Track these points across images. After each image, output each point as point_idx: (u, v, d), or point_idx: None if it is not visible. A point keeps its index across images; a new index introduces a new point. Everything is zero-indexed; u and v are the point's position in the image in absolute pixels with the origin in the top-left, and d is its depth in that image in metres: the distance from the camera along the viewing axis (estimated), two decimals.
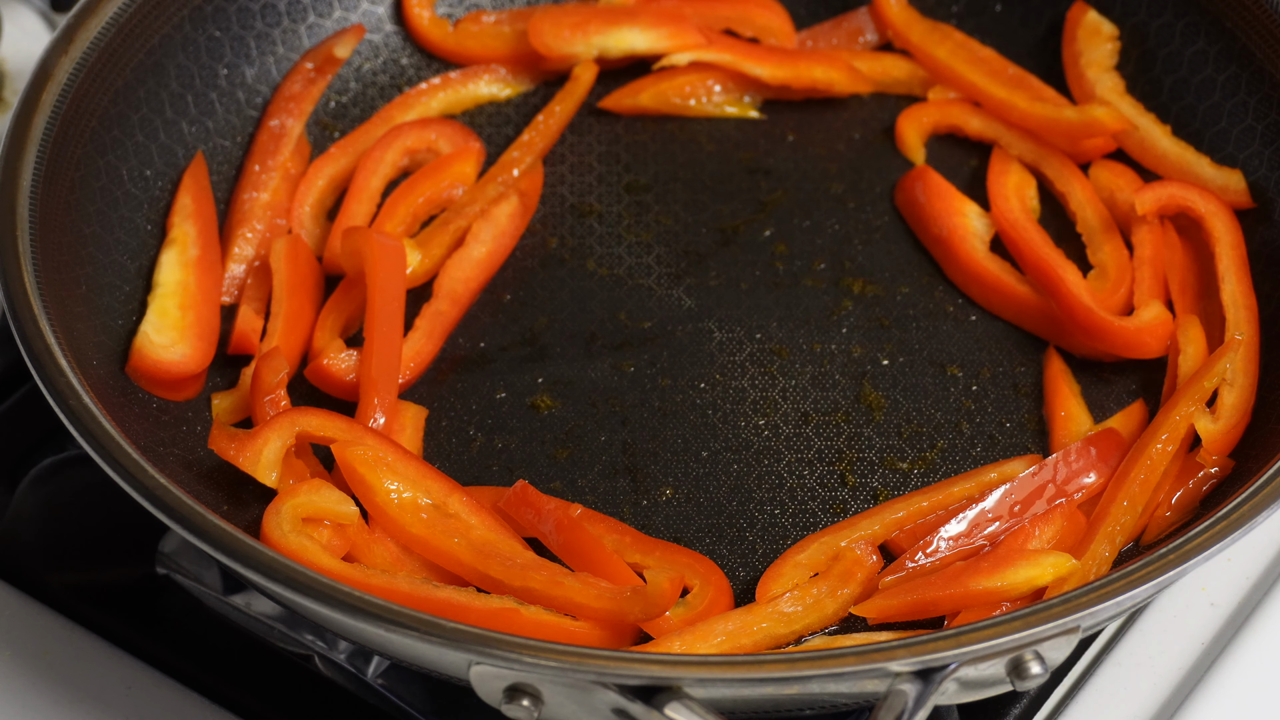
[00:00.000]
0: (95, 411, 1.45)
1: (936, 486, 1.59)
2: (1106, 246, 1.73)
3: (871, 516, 1.56)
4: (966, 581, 1.47)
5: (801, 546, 1.53)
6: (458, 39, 1.91)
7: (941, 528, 1.53)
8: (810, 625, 1.50)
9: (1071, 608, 1.33)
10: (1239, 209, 1.72)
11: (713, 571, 1.53)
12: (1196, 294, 1.70)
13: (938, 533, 1.53)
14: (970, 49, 1.87)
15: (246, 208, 1.76)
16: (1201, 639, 1.61)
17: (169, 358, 1.63)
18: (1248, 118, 1.74)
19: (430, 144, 1.83)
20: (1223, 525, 1.40)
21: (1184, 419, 1.58)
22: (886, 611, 1.49)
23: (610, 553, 1.52)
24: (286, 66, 1.86)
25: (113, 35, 1.71)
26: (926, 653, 1.29)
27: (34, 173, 1.61)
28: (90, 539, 1.68)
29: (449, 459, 1.63)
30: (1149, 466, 1.55)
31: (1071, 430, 1.63)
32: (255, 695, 1.59)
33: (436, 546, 1.51)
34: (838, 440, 1.64)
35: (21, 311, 1.51)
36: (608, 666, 1.29)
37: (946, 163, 1.84)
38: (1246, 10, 1.75)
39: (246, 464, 1.54)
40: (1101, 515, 1.53)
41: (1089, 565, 1.50)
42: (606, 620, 1.46)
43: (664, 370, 1.69)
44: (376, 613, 1.32)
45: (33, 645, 1.62)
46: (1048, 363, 1.68)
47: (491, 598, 1.46)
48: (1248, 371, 1.62)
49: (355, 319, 1.71)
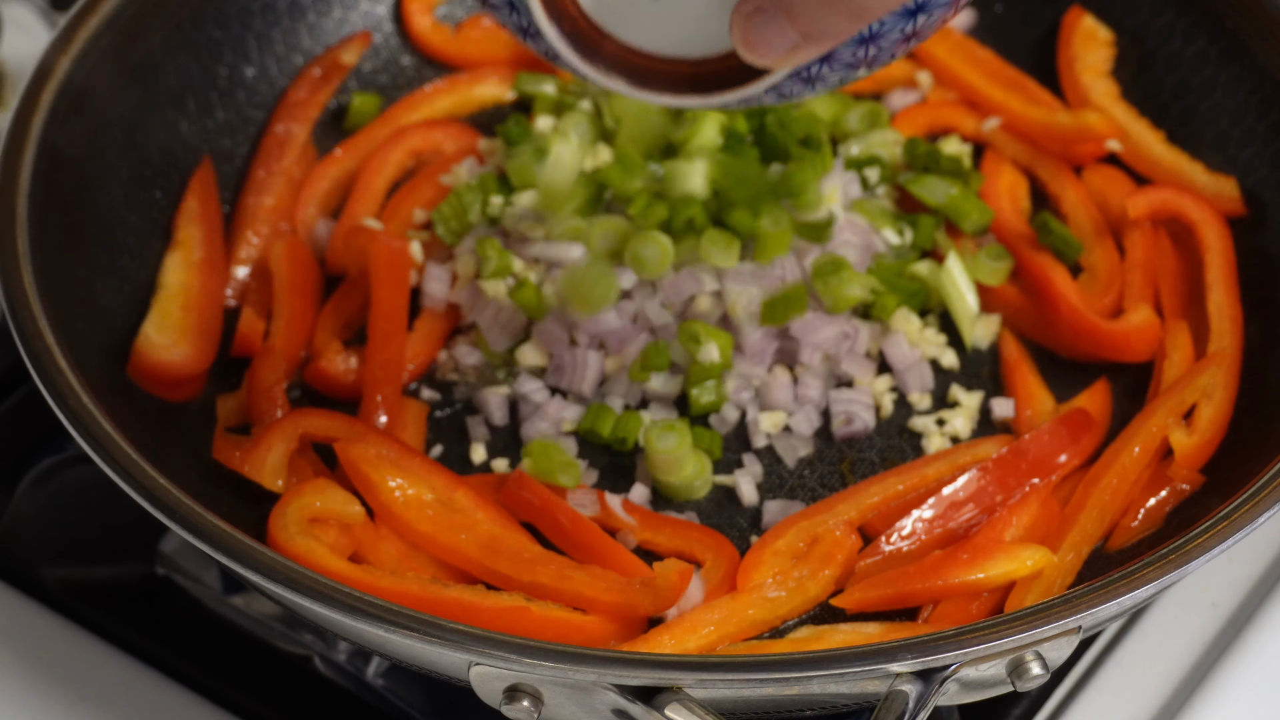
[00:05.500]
0: (95, 411, 1.45)
1: (910, 468, 1.59)
2: (1098, 250, 1.73)
3: (846, 500, 1.56)
4: (945, 573, 1.48)
5: (779, 532, 1.54)
6: (459, 45, 1.91)
7: (915, 510, 1.54)
8: (795, 609, 1.50)
9: (1072, 608, 1.33)
10: (1232, 216, 1.72)
11: (724, 545, 1.53)
12: (1186, 300, 1.70)
13: (912, 515, 1.54)
14: (968, 49, 1.86)
15: (251, 212, 1.77)
16: (1203, 639, 1.61)
17: (170, 358, 1.64)
18: (1249, 118, 1.74)
19: (435, 145, 1.83)
20: (1224, 526, 1.40)
21: (1159, 429, 1.58)
22: (865, 603, 1.50)
23: (614, 542, 1.52)
24: (286, 66, 1.86)
25: (112, 35, 1.71)
26: (927, 653, 1.29)
27: (34, 173, 1.61)
28: (90, 539, 1.68)
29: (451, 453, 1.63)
30: (1121, 473, 1.55)
31: (1037, 410, 1.63)
32: (255, 695, 1.59)
33: (443, 542, 1.51)
34: (838, 440, 1.64)
35: (21, 311, 1.51)
36: (607, 667, 1.29)
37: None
38: (1248, 10, 1.75)
39: (252, 471, 1.54)
40: (1070, 520, 1.53)
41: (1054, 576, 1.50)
42: (616, 613, 1.47)
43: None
44: (376, 613, 1.32)
45: (32, 645, 1.62)
46: (1004, 345, 1.69)
47: (501, 595, 1.46)
48: (1227, 385, 1.61)
49: (355, 320, 1.71)
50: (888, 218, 1.73)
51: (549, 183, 1.72)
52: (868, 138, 1.79)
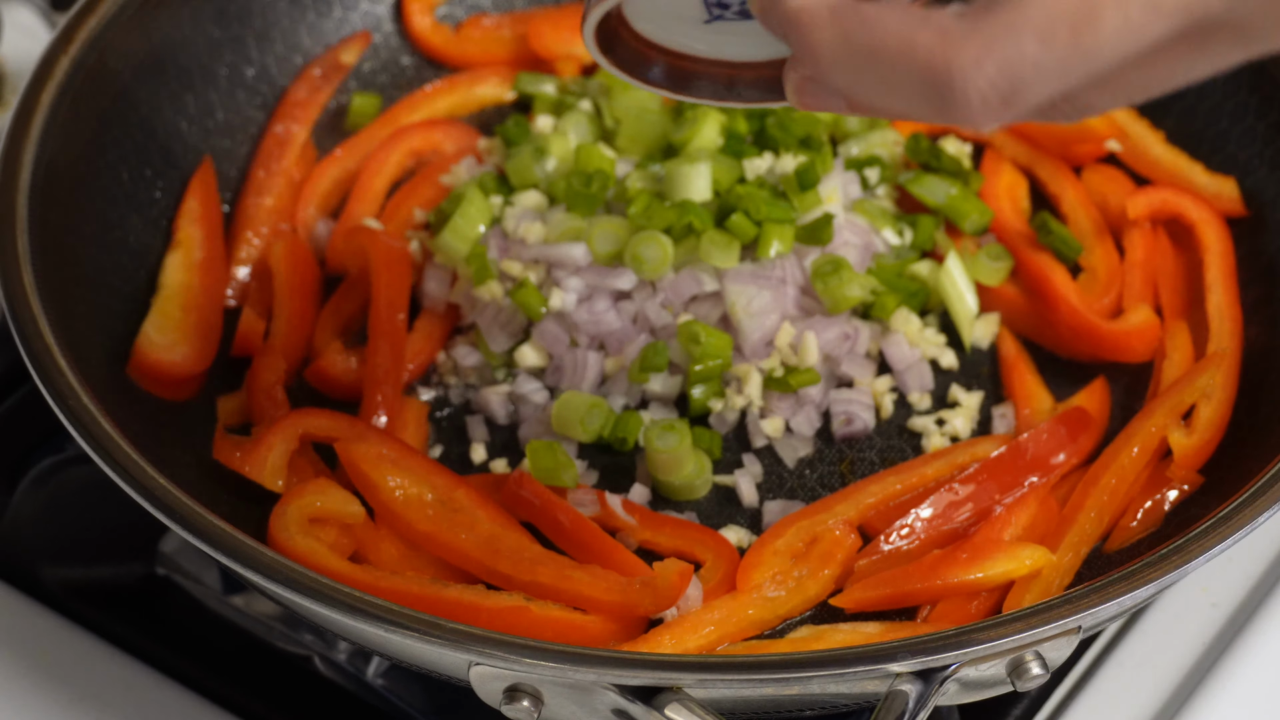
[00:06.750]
0: (95, 411, 1.45)
1: (908, 466, 1.59)
2: (1098, 250, 1.73)
3: (845, 499, 1.56)
4: (944, 573, 1.48)
5: (777, 532, 1.53)
6: (460, 45, 1.91)
7: (914, 509, 1.54)
8: (795, 608, 1.50)
9: (1073, 608, 1.33)
10: (1232, 216, 1.72)
11: (724, 545, 1.53)
12: (1186, 301, 1.70)
13: (911, 514, 1.54)
14: None
15: (251, 212, 1.77)
16: (1203, 639, 1.61)
17: (170, 358, 1.64)
18: (1249, 117, 1.74)
19: (435, 145, 1.83)
20: (1224, 526, 1.39)
21: (1158, 430, 1.58)
22: (864, 603, 1.50)
23: (614, 541, 1.52)
24: (286, 66, 1.86)
25: (112, 35, 1.71)
26: (927, 653, 1.29)
27: (34, 173, 1.60)
28: (90, 539, 1.68)
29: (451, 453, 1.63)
30: (1119, 473, 1.55)
31: (1035, 409, 1.63)
32: (255, 695, 1.59)
33: (443, 542, 1.51)
34: (838, 440, 1.64)
35: (21, 311, 1.51)
36: (607, 667, 1.29)
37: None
38: None
39: (253, 472, 1.54)
40: (1069, 520, 1.53)
41: (1052, 576, 1.50)
42: (616, 612, 1.47)
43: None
44: (375, 613, 1.32)
45: (33, 645, 1.62)
46: (1001, 344, 1.69)
47: (501, 595, 1.46)
48: (1226, 386, 1.61)
49: (355, 320, 1.71)
50: (888, 218, 1.73)
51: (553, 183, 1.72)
52: (868, 138, 1.79)
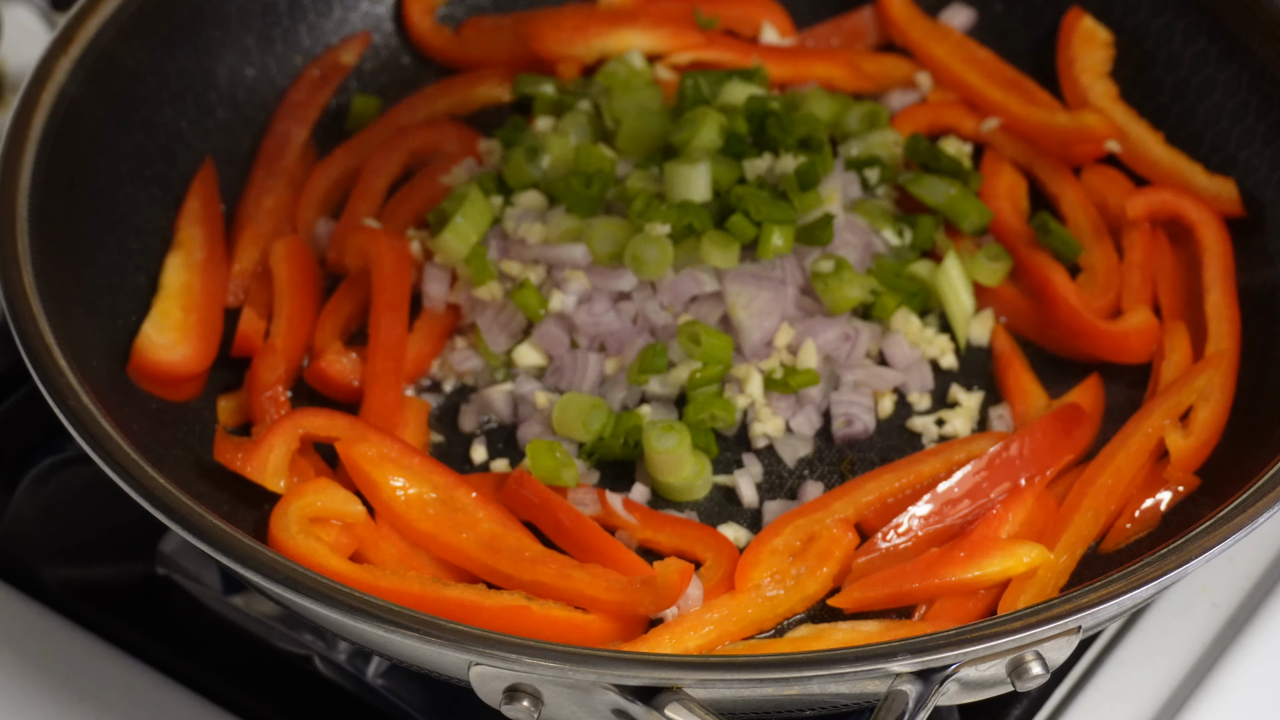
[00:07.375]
0: (95, 411, 1.45)
1: (905, 464, 1.59)
2: (1097, 250, 1.73)
3: (841, 497, 1.56)
4: (942, 572, 1.48)
5: (775, 530, 1.53)
6: (460, 45, 1.91)
7: (911, 507, 1.54)
8: (794, 607, 1.50)
9: (1073, 608, 1.33)
10: (1231, 217, 1.72)
11: (724, 544, 1.53)
12: (1185, 301, 1.70)
13: (908, 512, 1.54)
14: (968, 49, 1.86)
15: (252, 212, 1.77)
16: (1203, 639, 1.61)
17: (170, 358, 1.64)
18: (1249, 118, 1.74)
19: (435, 145, 1.83)
20: (1224, 526, 1.40)
21: (1156, 430, 1.58)
22: (862, 603, 1.50)
23: (614, 540, 1.52)
24: (286, 66, 1.86)
25: (112, 35, 1.71)
26: (928, 653, 1.29)
27: (34, 173, 1.61)
28: (90, 539, 1.68)
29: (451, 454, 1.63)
30: (1116, 474, 1.55)
31: (1029, 405, 1.63)
32: (255, 696, 1.59)
33: (444, 541, 1.51)
34: (838, 441, 1.64)
35: (21, 311, 1.51)
36: (607, 667, 1.29)
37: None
38: (1247, 10, 1.75)
39: (254, 473, 1.54)
40: (1065, 520, 1.53)
41: (1048, 576, 1.50)
42: (617, 612, 1.47)
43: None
44: (375, 613, 1.32)
45: (33, 645, 1.62)
46: (996, 342, 1.69)
47: (502, 594, 1.46)
48: (1224, 387, 1.61)
49: (355, 320, 1.71)
50: (888, 218, 1.73)
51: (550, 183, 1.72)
52: (867, 138, 1.79)
